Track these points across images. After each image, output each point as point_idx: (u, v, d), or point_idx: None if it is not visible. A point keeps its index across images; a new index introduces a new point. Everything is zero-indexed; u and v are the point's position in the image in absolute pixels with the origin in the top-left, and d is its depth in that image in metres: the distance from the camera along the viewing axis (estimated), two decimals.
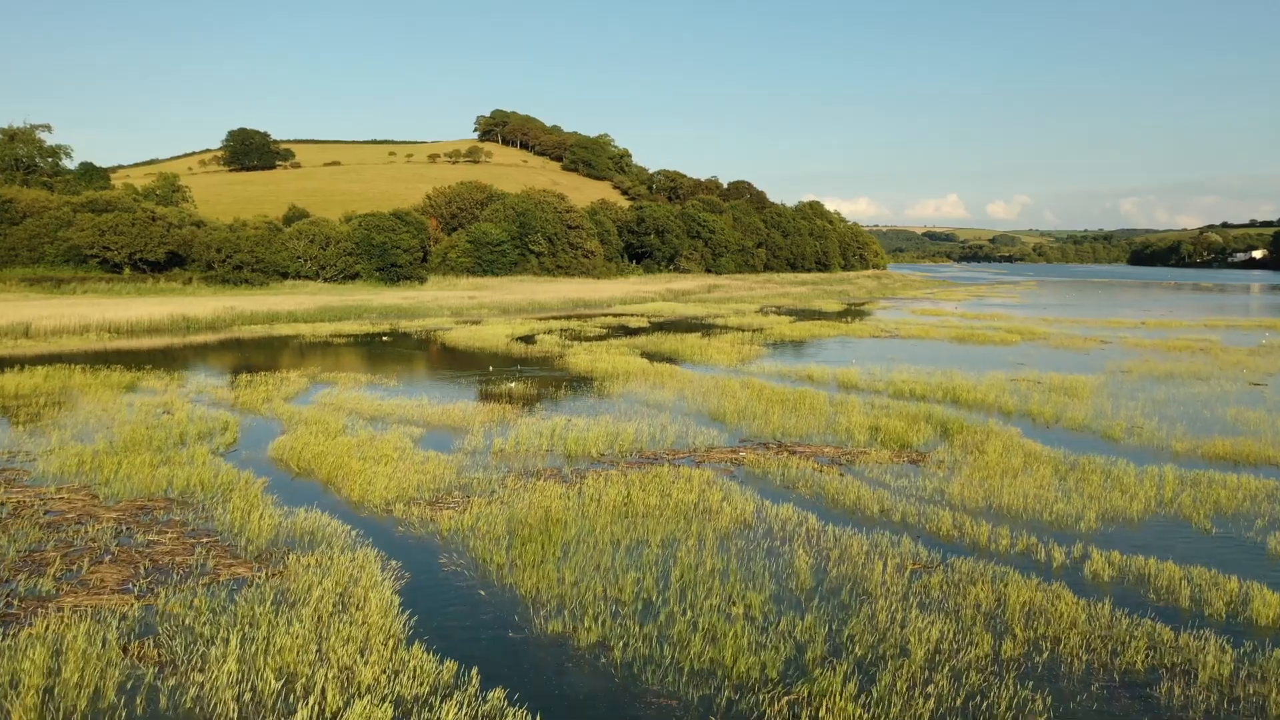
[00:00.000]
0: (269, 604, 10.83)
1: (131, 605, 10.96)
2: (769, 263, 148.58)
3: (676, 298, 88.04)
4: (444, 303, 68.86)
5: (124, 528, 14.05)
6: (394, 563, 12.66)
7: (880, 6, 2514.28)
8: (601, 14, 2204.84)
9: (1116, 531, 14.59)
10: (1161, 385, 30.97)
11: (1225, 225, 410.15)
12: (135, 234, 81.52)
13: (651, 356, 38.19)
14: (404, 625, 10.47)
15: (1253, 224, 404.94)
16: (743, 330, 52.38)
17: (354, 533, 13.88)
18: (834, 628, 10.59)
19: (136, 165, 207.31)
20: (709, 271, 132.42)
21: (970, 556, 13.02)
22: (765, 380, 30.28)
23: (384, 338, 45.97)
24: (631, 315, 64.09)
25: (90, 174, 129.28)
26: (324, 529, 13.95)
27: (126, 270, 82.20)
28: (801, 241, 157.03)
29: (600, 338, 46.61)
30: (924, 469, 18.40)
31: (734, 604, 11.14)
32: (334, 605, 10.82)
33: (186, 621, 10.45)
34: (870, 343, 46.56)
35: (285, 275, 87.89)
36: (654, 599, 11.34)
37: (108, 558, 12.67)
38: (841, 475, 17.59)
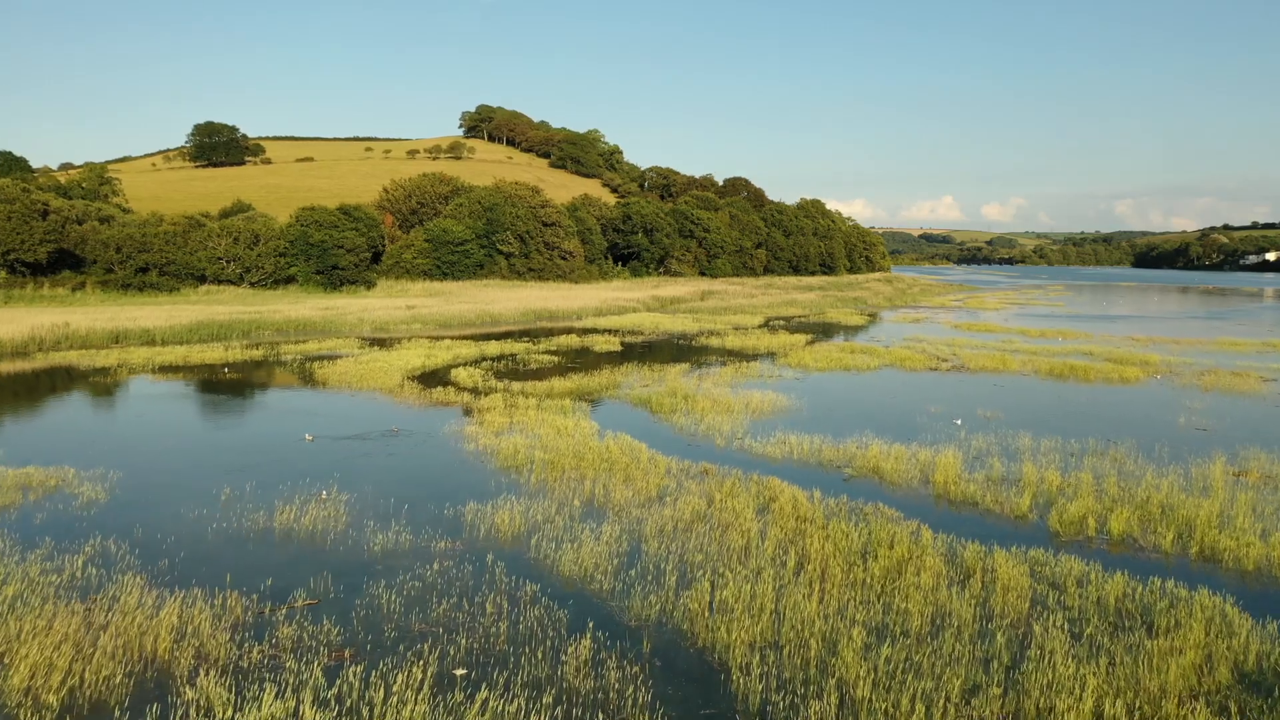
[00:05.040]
0: None
1: None
2: (769, 265, 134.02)
3: (663, 306, 73.75)
4: (372, 316, 54.71)
5: None
6: None
7: (878, 6, 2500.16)
8: (598, 11, 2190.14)
9: None
10: None
11: (1227, 227, 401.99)
12: (9, 230, 67.46)
13: (606, 414, 24.19)
14: None
15: (1255, 226, 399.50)
16: (745, 358, 38.31)
17: None
18: None
19: (110, 162, 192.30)
20: (703, 274, 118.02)
21: None
22: (800, 487, 16.27)
23: (225, 370, 31.91)
24: (603, 332, 49.97)
25: (9, 165, 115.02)
26: None
27: (2, 274, 68.13)
28: (805, 242, 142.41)
29: (544, 373, 32.49)
30: None
31: None
32: None
33: None
34: (932, 380, 32.41)
35: (203, 279, 73.88)
36: None
37: None
38: None
